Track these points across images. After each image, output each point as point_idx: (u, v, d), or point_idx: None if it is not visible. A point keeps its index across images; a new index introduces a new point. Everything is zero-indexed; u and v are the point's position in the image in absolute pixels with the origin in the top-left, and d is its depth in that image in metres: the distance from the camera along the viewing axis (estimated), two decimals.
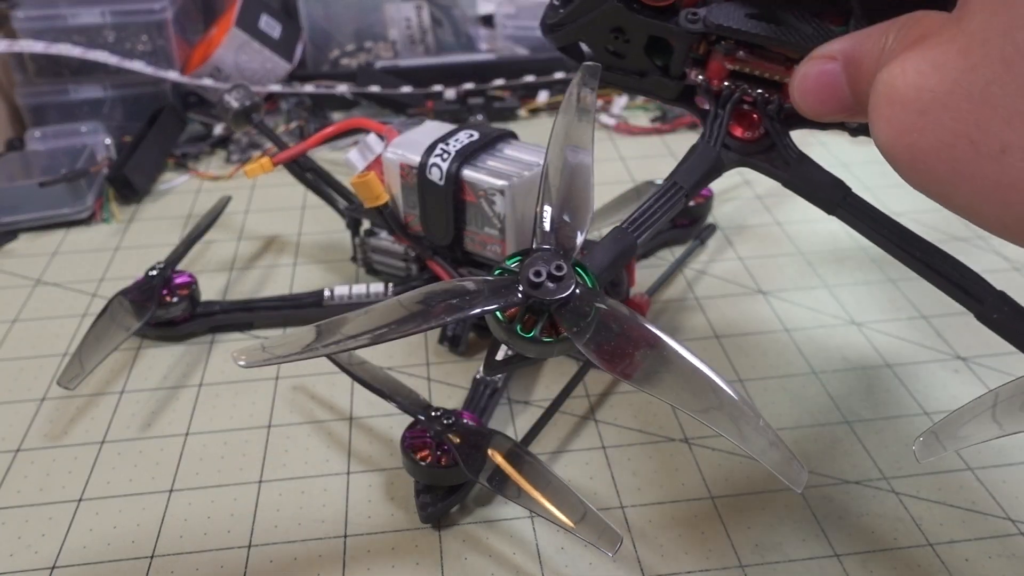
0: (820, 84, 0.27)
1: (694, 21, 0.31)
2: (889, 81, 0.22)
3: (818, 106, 0.28)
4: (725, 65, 0.33)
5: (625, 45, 0.33)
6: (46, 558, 0.37)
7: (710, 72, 0.33)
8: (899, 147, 0.22)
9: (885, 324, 0.50)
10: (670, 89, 0.35)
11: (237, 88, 0.53)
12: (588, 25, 0.33)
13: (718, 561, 0.36)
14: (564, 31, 0.34)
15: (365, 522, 0.38)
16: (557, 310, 0.28)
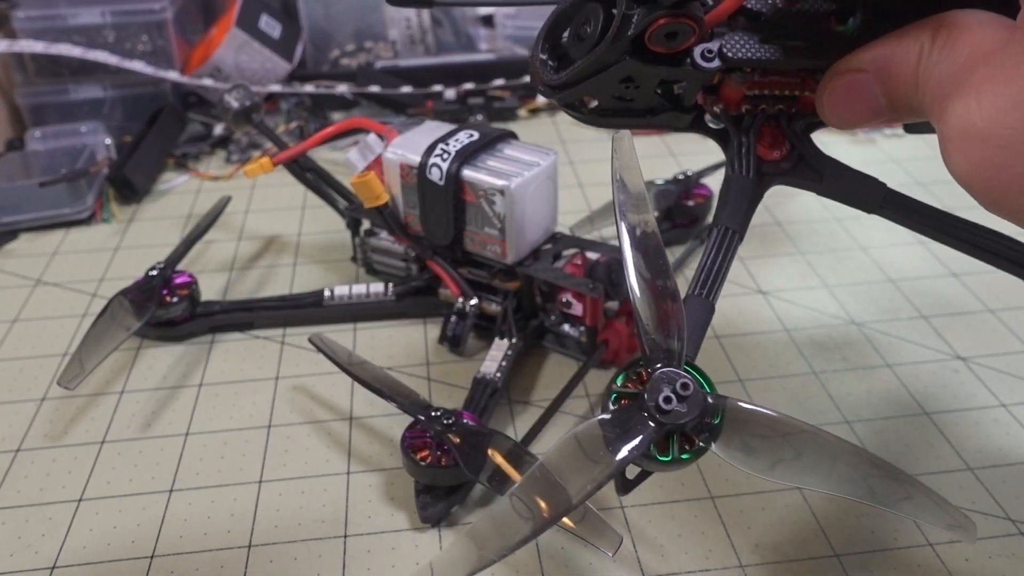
0: (852, 96, 0.28)
1: (710, 59, 0.30)
2: (964, 115, 0.22)
3: (851, 117, 0.28)
4: (742, 90, 0.32)
5: (635, 91, 0.31)
6: (46, 558, 0.37)
7: (725, 99, 0.32)
8: (977, 180, 0.22)
9: (885, 324, 0.50)
10: (683, 120, 0.33)
11: (237, 88, 0.53)
12: (598, 82, 0.30)
13: (718, 561, 0.36)
14: (571, 91, 0.31)
15: (365, 522, 0.38)
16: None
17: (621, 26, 0.28)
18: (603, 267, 0.45)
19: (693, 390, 0.26)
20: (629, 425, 0.26)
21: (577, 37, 0.30)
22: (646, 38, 0.28)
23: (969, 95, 0.22)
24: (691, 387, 0.26)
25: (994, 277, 0.54)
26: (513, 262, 0.45)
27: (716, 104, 0.33)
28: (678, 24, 0.28)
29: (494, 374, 0.43)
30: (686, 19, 0.27)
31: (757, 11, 0.30)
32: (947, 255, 0.56)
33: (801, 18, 0.30)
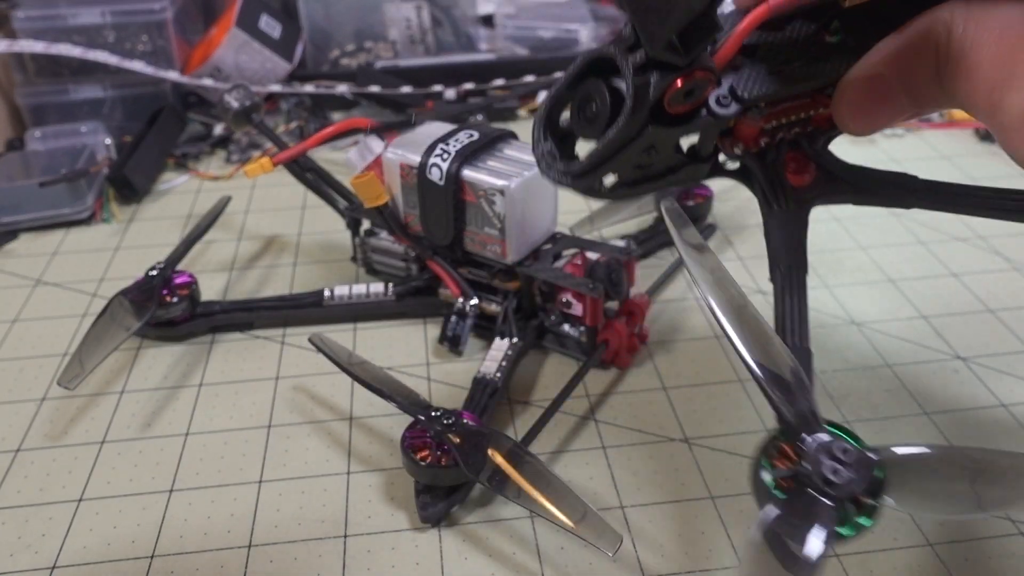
0: (872, 101, 0.27)
1: (727, 104, 0.29)
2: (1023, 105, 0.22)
3: (874, 122, 0.28)
4: (759, 126, 0.31)
5: (655, 155, 0.30)
6: (46, 558, 0.37)
7: (743, 138, 0.31)
8: None
9: (885, 324, 0.50)
10: (702, 171, 0.32)
11: (237, 88, 0.53)
12: (622, 158, 0.29)
13: (718, 561, 0.36)
14: (596, 174, 0.29)
15: (365, 522, 0.38)
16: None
17: (637, 97, 0.26)
18: (603, 267, 0.45)
19: (853, 453, 0.25)
20: (807, 512, 0.25)
21: (584, 119, 0.29)
22: (665, 103, 0.27)
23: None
24: (851, 451, 0.25)
25: (995, 277, 0.54)
26: (513, 262, 0.45)
27: (735, 145, 0.31)
28: (695, 81, 0.26)
29: (494, 374, 0.43)
30: (702, 73, 0.26)
31: (751, 45, 0.30)
32: (947, 255, 0.56)
33: (792, 43, 0.30)
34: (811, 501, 0.25)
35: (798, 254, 0.32)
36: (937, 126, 0.72)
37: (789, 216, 0.32)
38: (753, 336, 0.27)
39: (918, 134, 0.72)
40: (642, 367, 0.47)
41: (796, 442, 0.26)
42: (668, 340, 0.49)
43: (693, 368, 0.47)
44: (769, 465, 0.26)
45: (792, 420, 0.26)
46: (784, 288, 0.31)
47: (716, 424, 0.43)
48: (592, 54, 0.28)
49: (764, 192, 0.32)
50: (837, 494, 0.25)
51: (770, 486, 0.26)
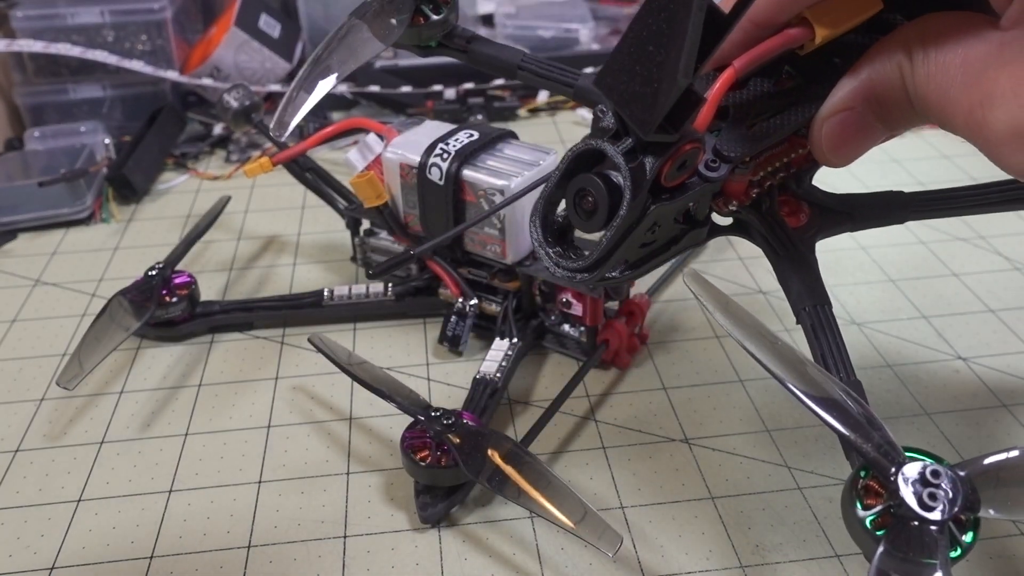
0: (849, 135, 0.28)
1: (715, 168, 0.29)
2: (1011, 119, 0.22)
3: (852, 152, 0.29)
4: (746, 180, 0.31)
5: (658, 232, 0.30)
6: (45, 559, 0.37)
7: (734, 195, 0.32)
8: None
9: (885, 324, 0.50)
10: (702, 234, 0.33)
11: (236, 88, 0.53)
12: (629, 243, 0.29)
13: (718, 562, 0.36)
14: (607, 265, 0.29)
15: (365, 522, 0.38)
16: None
17: (636, 183, 0.27)
18: None
19: (943, 474, 0.25)
20: (915, 543, 0.24)
21: (583, 213, 0.29)
22: (661, 179, 0.27)
23: (1008, 100, 0.22)
24: (941, 472, 0.25)
25: (995, 277, 0.54)
26: (513, 262, 0.45)
27: (728, 203, 0.32)
28: (686, 155, 0.27)
29: (494, 374, 0.43)
30: (691, 146, 0.27)
31: (723, 108, 0.30)
32: (948, 255, 0.56)
33: (758, 98, 0.31)
34: (918, 532, 0.24)
35: (818, 291, 0.32)
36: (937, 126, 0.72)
37: (797, 257, 0.33)
38: (812, 383, 0.28)
39: (918, 134, 0.72)
40: (642, 367, 0.47)
41: (885, 475, 0.25)
42: (668, 340, 0.49)
43: (693, 368, 0.47)
44: (862, 505, 0.26)
45: (873, 455, 0.26)
46: (815, 327, 0.31)
47: (716, 424, 0.43)
48: (577, 150, 0.28)
49: (767, 240, 0.33)
50: (940, 519, 0.24)
51: (869, 527, 0.25)
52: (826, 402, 0.27)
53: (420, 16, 0.36)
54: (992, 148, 0.23)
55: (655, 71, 0.24)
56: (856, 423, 0.27)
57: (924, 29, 0.25)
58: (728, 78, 0.28)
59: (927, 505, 0.25)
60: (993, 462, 0.26)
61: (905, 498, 0.25)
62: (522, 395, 0.45)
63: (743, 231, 0.34)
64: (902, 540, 0.25)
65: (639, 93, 0.24)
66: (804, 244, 0.33)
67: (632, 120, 0.25)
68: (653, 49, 0.24)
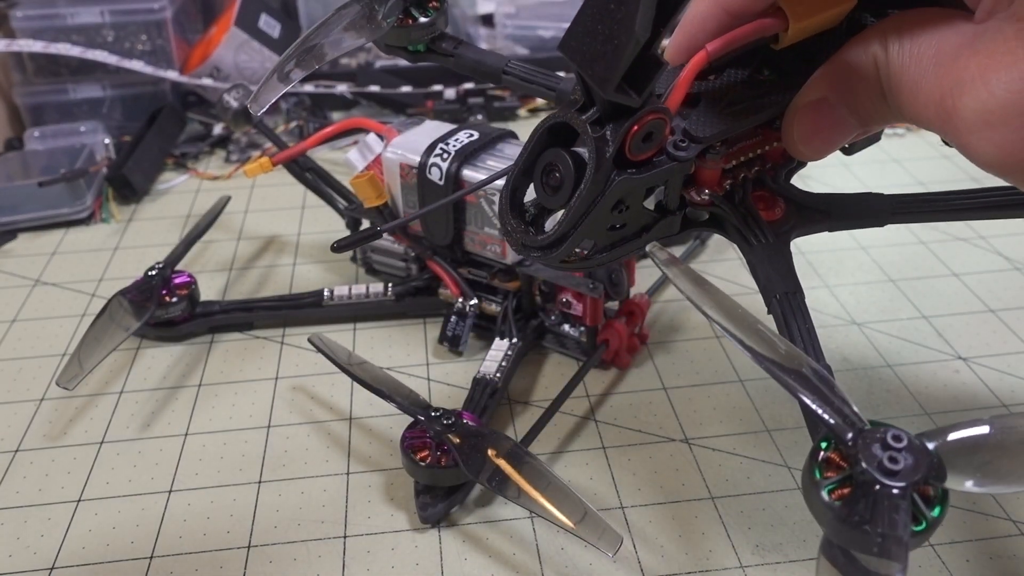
0: (821, 127, 0.28)
1: (684, 147, 0.29)
2: (979, 106, 0.22)
3: (824, 144, 0.29)
4: (719, 167, 0.31)
5: (626, 213, 0.30)
6: (45, 559, 0.37)
7: (707, 184, 0.32)
8: (1012, 162, 0.23)
9: (886, 324, 0.50)
10: (674, 224, 0.32)
11: (236, 88, 0.53)
12: (593, 220, 0.29)
13: (718, 562, 0.36)
14: (568, 243, 0.29)
15: (365, 522, 0.38)
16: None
17: (599, 150, 0.27)
18: (603, 267, 0.44)
19: (905, 439, 0.24)
20: (875, 512, 0.23)
21: (549, 189, 0.29)
22: (626, 151, 0.27)
23: (977, 87, 0.22)
24: (903, 436, 0.24)
25: (995, 277, 0.54)
26: (513, 262, 0.45)
27: (701, 193, 0.32)
28: (651, 123, 0.27)
29: (494, 374, 0.43)
30: (655, 115, 0.27)
31: (694, 95, 0.31)
32: (948, 255, 0.56)
33: (731, 86, 0.31)
34: (878, 499, 0.23)
35: (790, 278, 0.31)
36: None
37: (770, 247, 0.32)
38: (775, 350, 0.27)
39: (918, 133, 0.72)
40: (642, 367, 0.47)
41: (844, 441, 0.24)
42: (668, 340, 0.49)
43: (693, 368, 0.47)
44: (822, 475, 0.25)
45: (834, 422, 0.25)
46: (785, 314, 0.31)
47: (716, 424, 0.43)
48: (546, 124, 0.29)
49: (741, 232, 0.33)
50: (900, 483, 0.23)
51: (825, 496, 0.24)
52: (788, 370, 0.26)
53: (409, 17, 0.36)
54: (961, 136, 0.23)
55: (615, 28, 0.24)
56: (817, 390, 0.25)
57: (901, 21, 0.25)
58: (699, 60, 0.28)
59: (888, 470, 0.23)
60: (961, 434, 0.25)
61: (865, 462, 0.23)
62: (522, 395, 0.45)
63: (717, 226, 0.33)
64: (860, 508, 0.23)
65: (600, 52, 0.25)
66: (779, 238, 0.33)
67: (593, 80, 0.25)
68: (614, 7, 0.24)
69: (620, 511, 0.38)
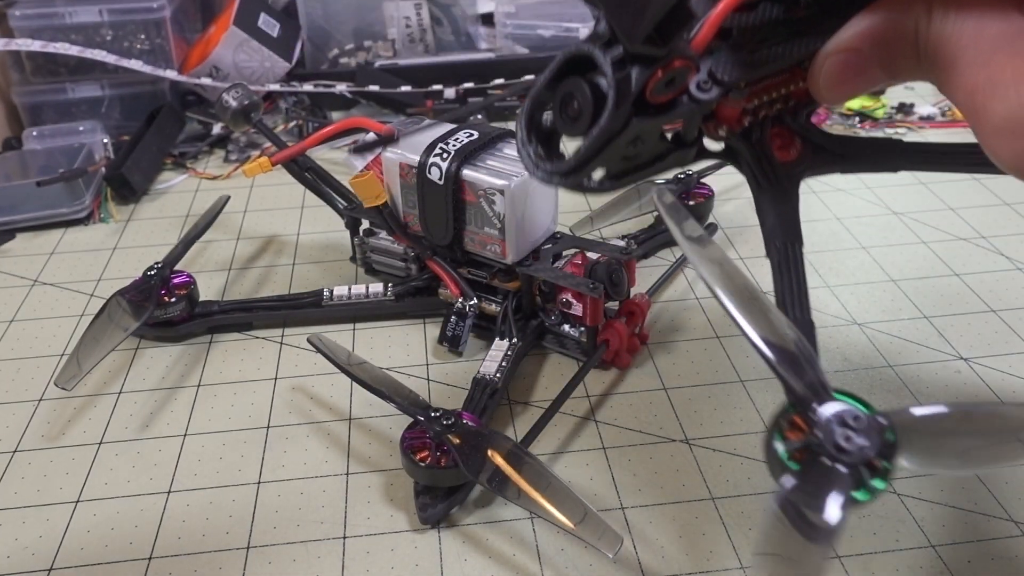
0: (849, 72, 0.28)
1: (707, 89, 0.29)
2: (1006, 111, 0.22)
3: (850, 92, 0.28)
4: (740, 106, 0.31)
5: (641, 146, 0.30)
6: (43, 560, 0.37)
7: (726, 120, 0.31)
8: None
9: (887, 324, 0.50)
10: (689, 155, 0.32)
11: (236, 87, 0.53)
12: (609, 152, 0.29)
13: (719, 563, 0.36)
14: (586, 171, 0.29)
15: (364, 523, 0.38)
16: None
17: (620, 92, 0.27)
18: (603, 267, 0.44)
19: (864, 419, 0.25)
20: (823, 480, 0.25)
21: (567, 117, 0.29)
22: (647, 94, 0.27)
23: (1009, 92, 0.22)
24: (862, 417, 0.25)
25: (996, 277, 0.54)
26: (513, 262, 0.45)
27: (719, 128, 0.32)
28: (675, 71, 0.27)
29: (494, 374, 0.43)
30: (681, 62, 0.27)
31: (726, 29, 0.30)
32: (949, 255, 0.56)
33: (765, 23, 0.30)
34: (825, 469, 0.25)
35: (793, 228, 0.32)
36: (938, 125, 0.72)
37: (779, 192, 0.32)
38: (757, 314, 0.28)
39: (920, 133, 0.71)
40: (642, 367, 0.47)
41: (807, 412, 0.25)
42: (668, 340, 0.49)
43: (693, 368, 0.47)
44: (781, 437, 0.26)
45: (801, 391, 0.26)
46: (781, 263, 0.31)
47: (716, 424, 0.43)
48: (569, 53, 0.28)
49: (752, 171, 0.33)
50: (851, 460, 0.25)
51: (783, 458, 0.26)
52: (770, 335, 0.27)
53: None
54: (986, 137, 0.23)
55: None
56: (793, 359, 0.27)
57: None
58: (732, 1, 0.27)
59: (841, 446, 0.25)
60: (917, 415, 0.26)
61: (821, 434, 0.25)
62: (522, 395, 0.45)
63: (732, 158, 0.33)
64: (810, 475, 0.25)
65: (630, 1, 0.24)
66: (790, 180, 0.33)
67: (620, 28, 0.25)
68: None
69: (620, 511, 0.38)
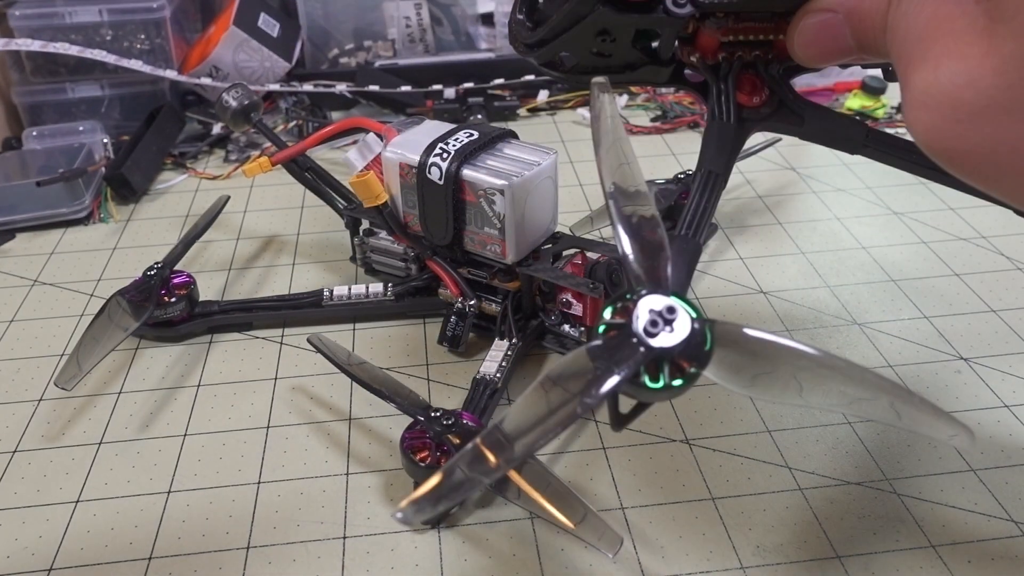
0: (823, 35, 0.29)
1: (682, 5, 0.31)
2: (923, 88, 0.23)
3: (821, 55, 0.29)
4: (718, 38, 0.32)
5: (612, 45, 0.33)
6: (43, 560, 0.36)
7: (701, 48, 0.33)
8: (937, 148, 0.23)
9: (887, 324, 0.50)
10: (662, 74, 0.34)
11: (235, 87, 0.53)
12: (573, 36, 0.32)
13: (719, 562, 0.36)
14: (547, 48, 0.33)
15: (364, 523, 0.38)
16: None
17: None
18: (603, 267, 0.44)
19: (679, 314, 0.26)
20: (618, 353, 0.26)
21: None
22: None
23: (928, 66, 0.23)
24: (676, 311, 0.26)
25: (997, 277, 0.54)
26: (513, 262, 0.45)
27: (693, 54, 0.33)
28: None
29: (494, 374, 0.43)
30: None
31: None
32: (949, 255, 0.56)
33: None
34: (626, 347, 0.26)
35: (724, 164, 0.33)
36: None
37: (728, 129, 0.33)
38: (628, 197, 0.28)
39: None
40: None
41: (634, 299, 0.26)
42: None
43: None
44: (611, 316, 0.27)
45: (636, 280, 0.27)
46: (700, 188, 0.32)
47: (716, 425, 0.43)
48: None
49: (713, 103, 0.34)
50: (651, 344, 0.25)
51: (599, 330, 0.27)
52: (632, 215, 0.28)
53: None
54: (905, 108, 0.24)
55: None
56: (647, 249, 0.27)
57: None
58: None
59: (649, 331, 0.26)
60: (740, 332, 0.27)
61: (634, 317, 0.26)
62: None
63: (703, 92, 0.34)
64: (612, 347, 0.26)
65: None
66: (742, 124, 0.33)
67: None
68: None
69: (620, 512, 0.38)
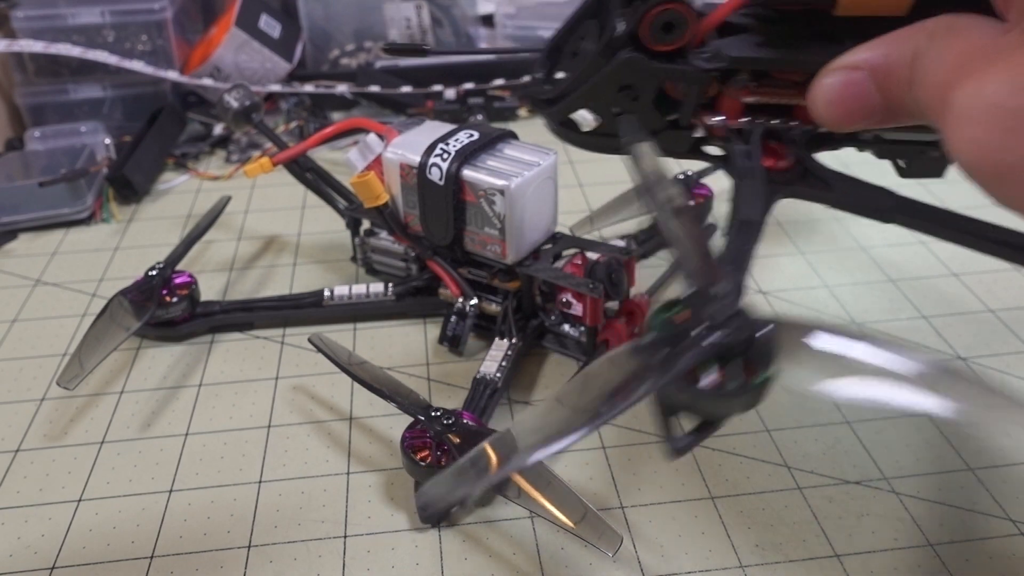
0: (847, 94, 0.28)
1: (706, 59, 0.30)
2: (967, 104, 0.23)
3: (847, 115, 0.28)
4: (740, 100, 0.32)
5: (633, 103, 0.31)
6: (45, 559, 0.37)
7: (725, 111, 0.32)
8: (988, 165, 0.23)
9: (885, 324, 0.50)
10: (683, 141, 0.33)
11: (237, 88, 0.53)
12: (594, 88, 0.30)
13: (718, 561, 0.36)
14: (566, 102, 0.31)
15: (365, 522, 0.38)
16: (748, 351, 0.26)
17: (623, 16, 0.28)
18: (603, 267, 0.44)
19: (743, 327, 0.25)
20: (674, 351, 0.25)
21: (573, 55, 0.31)
22: (644, 35, 0.28)
23: (970, 82, 0.23)
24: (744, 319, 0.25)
25: (995, 277, 0.54)
26: (513, 262, 0.45)
27: (715, 116, 0.33)
28: (672, 13, 0.28)
29: (494, 374, 0.43)
30: (676, 5, 0.28)
31: (739, 25, 0.31)
32: (947, 255, 0.56)
33: (777, 32, 0.31)
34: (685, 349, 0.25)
35: (760, 210, 0.32)
36: None
37: (758, 184, 0.33)
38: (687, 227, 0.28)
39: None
40: None
41: (700, 303, 0.26)
42: None
43: None
44: (670, 312, 0.27)
45: (699, 283, 0.26)
46: (736, 231, 0.32)
47: None
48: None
49: (741, 165, 0.33)
50: (709, 342, 0.25)
51: (658, 319, 0.26)
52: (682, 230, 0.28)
53: None
54: (948, 129, 0.24)
55: None
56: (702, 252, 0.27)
57: (951, 20, 0.26)
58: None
59: (700, 334, 0.25)
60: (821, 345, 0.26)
61: (694, 320, 0.25)
62: (522, 395, 0.45)
63: (726, 163, 0.34)
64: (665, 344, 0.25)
65: None
66: (771, 187, 0.33)
67: None
68: None
69: (620, 511, 0.38)
